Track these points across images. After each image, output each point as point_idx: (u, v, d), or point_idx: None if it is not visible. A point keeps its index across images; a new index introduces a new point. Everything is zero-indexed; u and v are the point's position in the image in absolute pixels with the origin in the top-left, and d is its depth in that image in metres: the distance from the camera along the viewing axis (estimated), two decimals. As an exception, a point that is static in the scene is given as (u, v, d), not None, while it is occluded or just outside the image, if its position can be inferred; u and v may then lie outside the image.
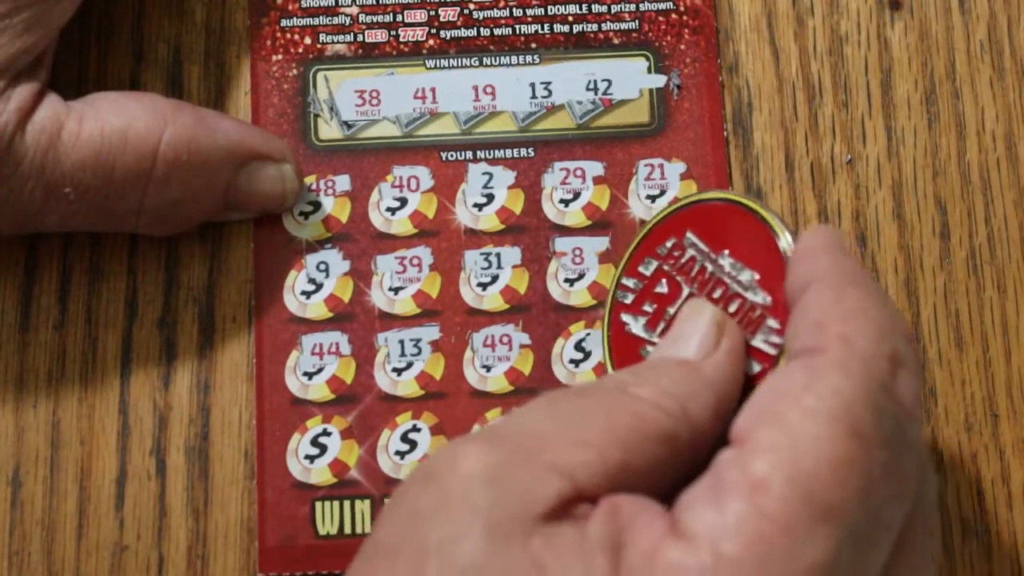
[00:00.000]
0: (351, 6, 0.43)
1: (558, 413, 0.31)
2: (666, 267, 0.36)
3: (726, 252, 0.35)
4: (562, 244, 0.42)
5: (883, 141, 0.43)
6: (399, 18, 0.43)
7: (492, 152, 0.42)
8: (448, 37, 0.43)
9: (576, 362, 0.41)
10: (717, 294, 0.35)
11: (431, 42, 0.43)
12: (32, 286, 0.41)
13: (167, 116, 0.38)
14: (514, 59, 0.43)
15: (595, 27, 0.43)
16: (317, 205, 0.42)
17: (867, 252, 0.42)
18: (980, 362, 0.42)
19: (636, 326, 0.36)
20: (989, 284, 0.42)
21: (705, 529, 0.27)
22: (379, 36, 0.43)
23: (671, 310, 0.36)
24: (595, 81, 0.43)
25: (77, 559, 0.40)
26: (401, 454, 0.40)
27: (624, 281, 0.37)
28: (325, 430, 0.40)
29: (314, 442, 0.40)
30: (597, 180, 0.42)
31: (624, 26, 0.43)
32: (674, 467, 0.31)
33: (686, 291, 0.35)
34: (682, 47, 0.43)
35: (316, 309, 0.41)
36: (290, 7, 0.43)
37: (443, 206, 0.42)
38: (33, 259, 0.42)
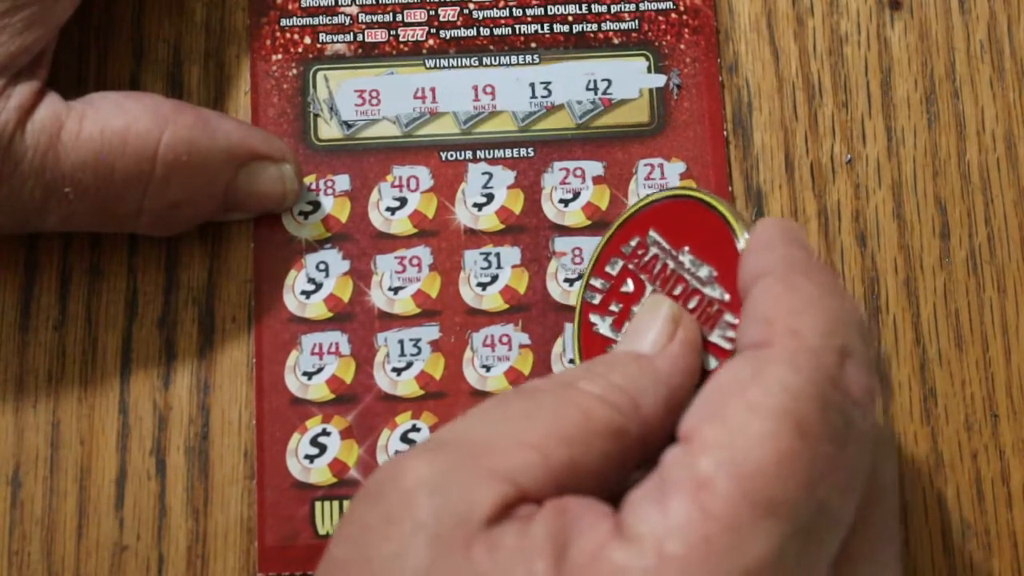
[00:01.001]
0: (351, 6, 0.43)
1: (503, 416, 0.31)
2: (631, 266, 0.36)
3: (686, 248, 0.35)
4: (562, 244, 0.42)
5: (883, 141, 0.43)
6: (399, 18, 0.43)
7: (492, 152, 0.42)
8: (448, 37, 0.43)
9: (576, 361, 0.41)
10: (678, 291, 0.35)
11: (431, 42, 0.43)
12: (32, 286, 0.41)
13: (167, 117, 0.38)
14: (514, 59, 0.43)
15: (595, 27, 0.43)
16: (317, 205, 0.42)
17: (867, 252, 0.42)
18: (980, 362, 0.42)
19: (603, 326, 0.36)
20: (989, 284, 0.42)
21: (649, 529, 0.27)
22: (379, 36, 0.43)
23: (636, 309, 0.36)
24: (595, 81, 0.43)
25: (77, 559, 0.40)
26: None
27: (592, 281, 0.37)
28: (325, 430, 0.40)
29: (314, 442, 0.40)
30: (597, 180, 0.42)
31: (624, 26, 0.43)
32: (624, 462, 0.31)
33: (649, 289, 0.35)
34: (682, 47, 0.43)
35: (316, 309, 0.41)
36: (290, 7, 0.43)
37: (443, 206, 0.42)
38: (33, 259, 0.42)
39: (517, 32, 0.43)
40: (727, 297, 0.34)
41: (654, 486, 0.29)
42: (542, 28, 0.43)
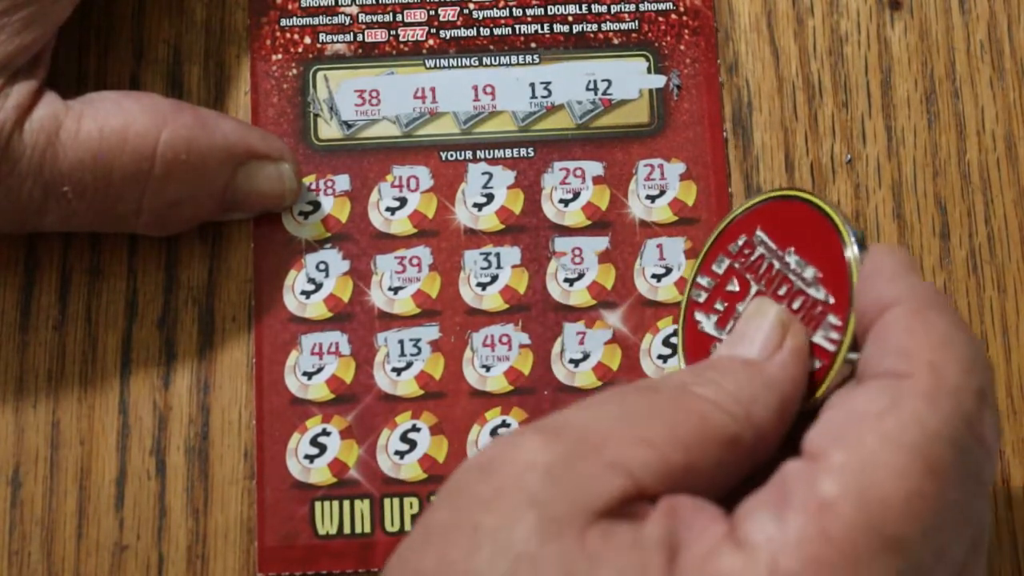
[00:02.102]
0: (351, 6, 0.43)
1: (622, 411, 0.30)
2: (737, 265, 0.36)
3: (792, 249, 0.35)
4: (562, 244, 0.42)
5: (883, 141, 0.43)
6: (399, 18, 0.43)
7: (492, 152, 0.42)
8: (448, 37, 0.43)
9: (576, 362, 0.41)
10: (782, 291, 0.35)
11: (431, 42, 0.43)
12: (32, 286, 0.41)
13: (166, 116, 0.38)
14: (514, 59, 0.43)
15: (595, 27, 0.43)
16: (317, 205, 0.42)
17: (867, 252, 0.42)
18: (980, 362, 0.42)
19: (708, 324, 0.36)
20: (989, 284, 0.42)
21: (765, 540, 0.27)
22: (379, 36, 0.43)
23: (741, 308, 0.36)
24: (595, 81, 0.43)
25: (77, 559, 0.40)
26: (401, 454, 0.40)
27: (699, 280, 0.37)
28: (325, 430, 0.40)
29: (314, 442, 0.40)
30: (597, 180, 0.42)
31: (624, 26, 0.43)
32: (736, 470, 0.31)
33: (754, 289, 0.35)
34: (682, 47, 0.43)
35: (316, 309, 0.41)
36: (290, 7, 0.43)
37: (443, 206, 0.42)
38: (33, 259, 0.42)
39: (517, 32, 0.43)
40: (832, 299, 0.33)
41: (773, 497, 0.28)
42: (542, 28, 0.43)
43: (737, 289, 0.36)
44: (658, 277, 0.42)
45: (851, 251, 0.33)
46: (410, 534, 0.30)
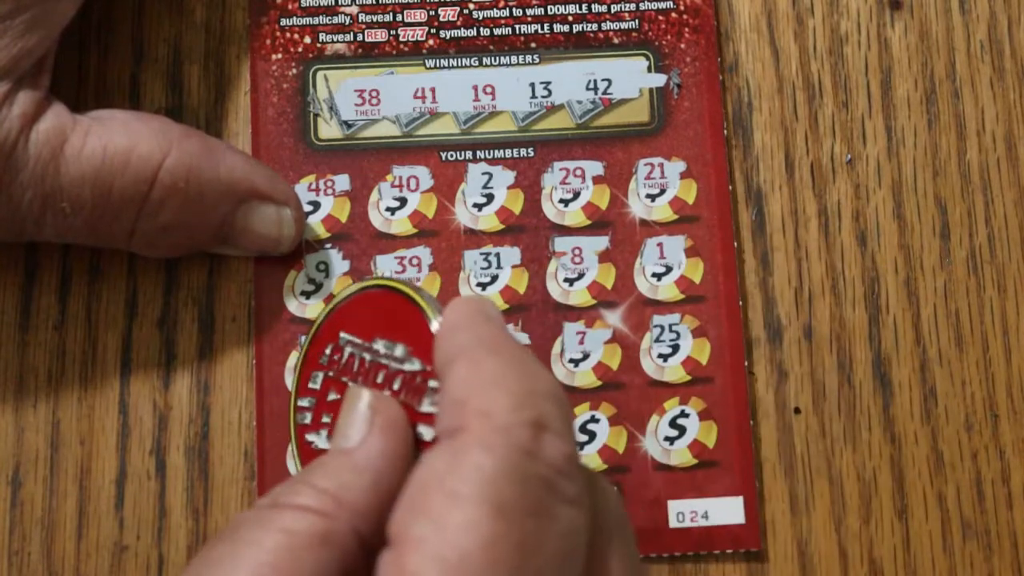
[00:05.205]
0: (351, 6, 0.43)
1: (206, 567, 0.30)
2: (331, 374, 0.35)
3: (378, 337, 0.34)
4: (562, 244, 0.42)
5: (883, 141, 0.43)
6: (399, 18, 0.43)
7: (492, 152, 0.42)
8: (448, 37, 0.43)
9: (576, 361, 0.41)
10: (380, 378, 0.34)
11: (431, 42, 0.43)
12: (32, 286, 0.41)
13: (173, 142, 0.38)
14: (514, 59, 0.43)
15: (595, 27, 0.43)
16: (317, 205, 0.42)
17: (867, 252, 0.42)
18: (980, 362, 0.42)
19: (320, 441, 0.35)
20: (989, 284, 0.42)
21: None
22: (379, 36, 0.43)
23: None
24: (595, 80, 0.43)
25: (77, 559, 0.40)
26: (401, 454, 0.40)
27: (299, 403, 0.36)
28: (325, 430, 0.40)
29: (314, 442, 0.40)
30: (597, 180, 0.42)
31: (624, 25, 0.43)
32: (345, 562, 0.30)
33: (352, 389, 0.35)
34: (682, 46, 0.43)
35: (316, 309, 0.41)
36: (290, 6, 0.43)
37: (443, 206, 0.42)
38: (33, 259, 0.42)
39: (517, 32, 0.43)
40: (428, 367, 0.33)
41: None
42: (542, 28, 0.43)
43: (338, 397, 0.35)
44: (658, 276, 0.42)
45: (431, 314, 0.33)
46: None
